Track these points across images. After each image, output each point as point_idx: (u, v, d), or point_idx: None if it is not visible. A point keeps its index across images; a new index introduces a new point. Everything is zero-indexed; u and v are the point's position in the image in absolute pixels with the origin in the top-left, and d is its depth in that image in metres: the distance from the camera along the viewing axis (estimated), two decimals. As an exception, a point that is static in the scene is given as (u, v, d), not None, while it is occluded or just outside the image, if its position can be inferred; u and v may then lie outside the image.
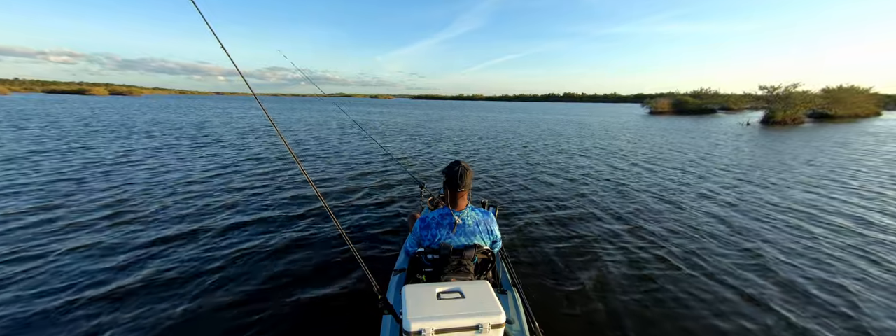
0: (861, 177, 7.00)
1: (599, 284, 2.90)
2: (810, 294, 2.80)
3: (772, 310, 2.58)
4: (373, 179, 6.30)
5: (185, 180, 5.84)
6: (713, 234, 3.99)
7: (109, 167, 6.64)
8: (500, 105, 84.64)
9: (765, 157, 9.37)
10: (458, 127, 18.62)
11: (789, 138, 14.31)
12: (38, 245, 3.33)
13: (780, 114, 24.23)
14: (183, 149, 9.06)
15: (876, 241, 3.81)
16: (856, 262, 3.32)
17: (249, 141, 10.96)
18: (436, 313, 1.33)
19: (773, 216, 4.57)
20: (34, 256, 3.12)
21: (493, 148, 11.05)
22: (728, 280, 3.00)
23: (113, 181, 5.65)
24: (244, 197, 5.05)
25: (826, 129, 18.42)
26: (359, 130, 14.71)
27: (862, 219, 4.50)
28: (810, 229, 4.14)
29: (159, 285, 2.74)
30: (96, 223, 3.91)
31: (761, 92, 27.42)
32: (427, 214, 1.87)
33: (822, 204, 5.13)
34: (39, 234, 3.58)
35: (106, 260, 3.11)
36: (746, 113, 36.81)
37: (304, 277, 2.91)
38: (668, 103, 40.19)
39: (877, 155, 9.76)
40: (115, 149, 8.65)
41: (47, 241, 3.42)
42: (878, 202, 5.24)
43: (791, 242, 3.77)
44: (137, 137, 10.80)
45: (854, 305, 2.65)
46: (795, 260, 3.36)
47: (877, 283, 2.95)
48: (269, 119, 1.76)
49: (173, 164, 7.05)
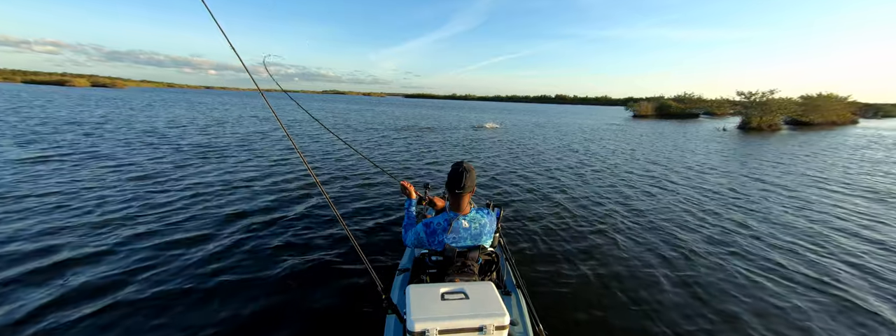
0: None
1: (604, 287, 2.93)
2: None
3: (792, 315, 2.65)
4: (377, 180, 6.32)
5: (199, 183, 5.67)
6: (715, 236, 4.11)
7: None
8: (491, 105, 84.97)
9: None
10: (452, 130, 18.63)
11: (760, 148, 14.62)
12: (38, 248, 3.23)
13: (755, 120, 24.79)
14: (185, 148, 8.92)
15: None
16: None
17: (251, 139, 10.79)
18: (440, 314, 1.33)
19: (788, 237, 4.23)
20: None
21: (491, 148, 11.15)
22: (732, 287, 3.02)
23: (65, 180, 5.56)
24: (248, 196, 5.00)
25: (803, 136, 18.96)
26: (362, 131, 14.63)
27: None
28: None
29: (161, 285, 2.72)
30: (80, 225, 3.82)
31: (739, 97, 28.04)
32: (432, 219, 1.80)
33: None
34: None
35: (107, 262, 3.05)
36: (728, 118, 37.59)
37: (309, 276, 2.92)
38: (650, 107, 40.88)
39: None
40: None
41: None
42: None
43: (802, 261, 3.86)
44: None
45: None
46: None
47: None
48: (275, 117, 1.75)
49: (179, 164, 6.96)
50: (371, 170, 7.09)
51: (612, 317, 2.54)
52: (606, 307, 2.65)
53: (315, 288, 2.75)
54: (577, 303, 2.69)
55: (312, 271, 3.00)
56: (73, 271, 2.85)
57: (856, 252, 3.80)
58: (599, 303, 2.70)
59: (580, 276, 3.11)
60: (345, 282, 2.85)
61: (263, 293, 2.67)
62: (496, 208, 2.24)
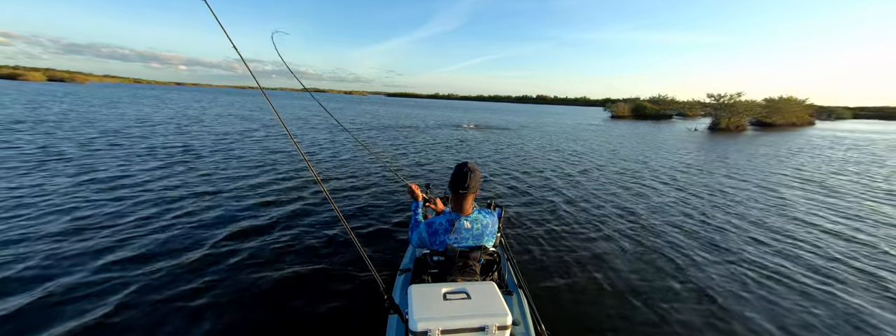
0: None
1: (605, 286, 2.95)
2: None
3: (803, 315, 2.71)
4: (379, 180, 6.26)
5: (200, 180, 5.56)
6: (716, 237, 4.17)
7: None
8: (475, 105, 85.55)
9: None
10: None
11: (729, 147, 15.41)
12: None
13: (724, 121, 26.18)
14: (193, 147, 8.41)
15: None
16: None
17: (253, 137, 10.49)
18: (442, 314, 1.33)
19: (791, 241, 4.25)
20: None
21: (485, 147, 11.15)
22: (734, 287, 3.06)
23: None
24: (247, 196, 4.89)
25: (768, 136, 20.12)
26: (363, 130, 14.43)
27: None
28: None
29: (164, 285, 2.68)
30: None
31: (709, 99, 29.50)
32: (434, 220, 1.80)
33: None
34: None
35: (108, 260, 2.98)
36: (699, 119, 39.45)
37: (311, 276, 2.90)
38: (627, 108, 42.35)
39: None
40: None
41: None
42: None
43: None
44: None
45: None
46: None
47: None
48: (277, 117, 1.70)
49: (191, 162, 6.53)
50: (371, 170, 7.02)
51: (614, 316, 2.56)
52: (608, 307, 2.67)
53: (317, 288, 2.74)
54: (578, 302, 2.71)
55: (314, 271, 2.98)
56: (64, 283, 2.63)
57: (838, 247, 4.02)
58: (601, 302, 2.73)
59: (581, 275, 3.13)
60: (346, 282, 2.84)
61: (264, 293, 2.65)
62: (497, 208, 2.26)
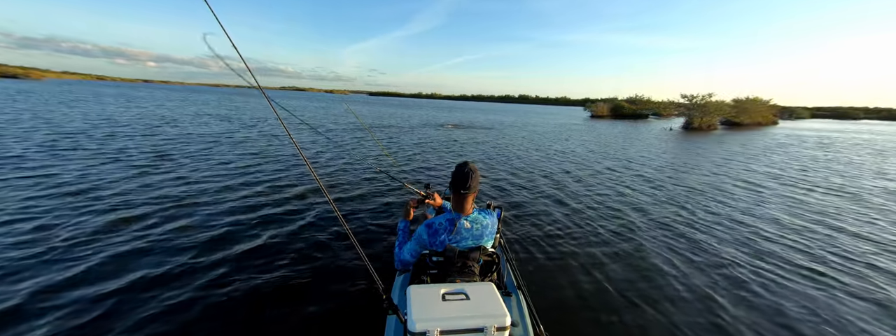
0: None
1: (604, 287, 2.96)
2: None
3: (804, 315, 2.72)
4: (378, 179, 6.25)
5: (192, 178, 5.47)
6: (712, 236, 4.26)
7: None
8: (459, 104, 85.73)
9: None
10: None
11: (701, 145, 16.26)
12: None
13: (697, 120, 27.63)
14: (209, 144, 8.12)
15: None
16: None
17: (254, 136, 10.25)
18: (441, 314, 1.34)
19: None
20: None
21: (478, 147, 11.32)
22: (737, 287, 3.07)
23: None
24: (246, 196, 4.85)
25: (737, 135, 21.34)
26: (363, 130, 14.29)
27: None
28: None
29: (160, 285, 2.67)
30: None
31: (683, 100, 31.04)
32: (434, 220, 1.80)
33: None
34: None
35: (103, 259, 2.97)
36: (674, 119, 41.24)
37: (309, 276, 2.89)
38: (606, 108, 43.85)
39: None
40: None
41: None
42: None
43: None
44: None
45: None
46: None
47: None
48: (278, 117, 1.70)
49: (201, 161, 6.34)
50: (371, 169, 7.02)
51: (613, 317, 2.57)
52: (607, 307, 2.68)
53: (315, 288, 2.74)
54: (577, 303, 2.73)
55: (312, 271, 2.99)
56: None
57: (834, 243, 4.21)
58: (600, 303, 2.74)
59: (580, 276, 3.14)
60: (345, 282, 2.84)
61: (263, 294, 2.65)
62: (497, 209, 2.27)
